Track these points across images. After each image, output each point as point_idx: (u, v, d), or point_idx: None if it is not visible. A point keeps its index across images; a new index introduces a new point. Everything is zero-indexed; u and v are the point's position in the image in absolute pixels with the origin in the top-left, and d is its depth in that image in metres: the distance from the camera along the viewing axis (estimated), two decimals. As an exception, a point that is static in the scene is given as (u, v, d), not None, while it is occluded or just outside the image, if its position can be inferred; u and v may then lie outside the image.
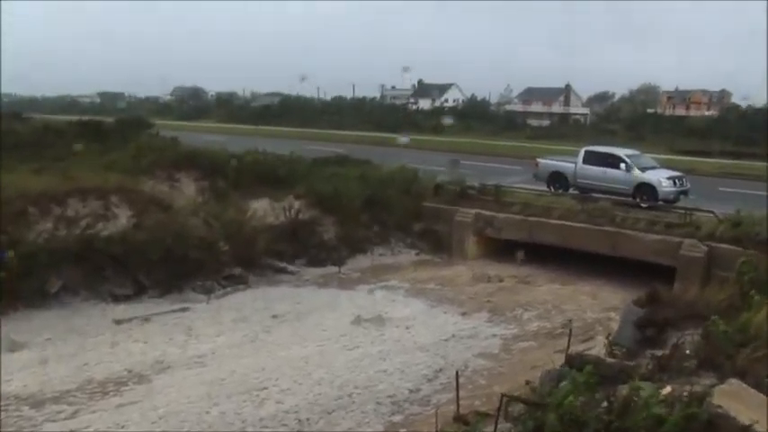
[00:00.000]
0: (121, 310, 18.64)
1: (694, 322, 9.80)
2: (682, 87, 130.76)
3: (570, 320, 18.54)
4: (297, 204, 25.00)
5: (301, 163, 30.19)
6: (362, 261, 24.44)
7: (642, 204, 24.94)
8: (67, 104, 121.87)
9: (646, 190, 25.36)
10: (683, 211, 22.85)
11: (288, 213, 24.47)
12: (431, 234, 26.24)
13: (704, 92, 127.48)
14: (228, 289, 20.61)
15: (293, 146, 37.29)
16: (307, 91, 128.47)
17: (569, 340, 13.91)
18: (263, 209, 24.55)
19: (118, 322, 17.77)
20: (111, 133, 32.35)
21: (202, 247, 20.77)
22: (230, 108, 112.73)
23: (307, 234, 24.14)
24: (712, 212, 22.10)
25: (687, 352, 8.26)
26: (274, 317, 18.57)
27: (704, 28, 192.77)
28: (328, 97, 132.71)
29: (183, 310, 18.94)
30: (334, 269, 23.38)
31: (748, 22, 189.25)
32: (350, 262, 24.10)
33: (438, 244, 26.03)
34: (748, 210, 21.93)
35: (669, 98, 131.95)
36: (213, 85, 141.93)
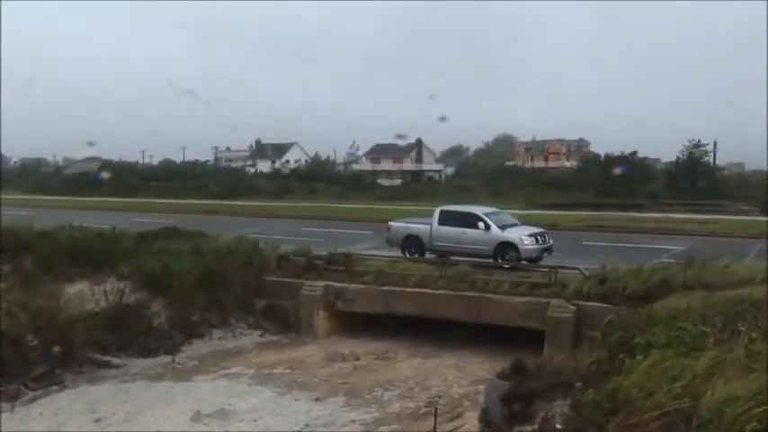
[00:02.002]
0: None
1: (563, 391, 10.11)
2: (539, 137, 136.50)
3: (437, 397, 18.75)
4: (121, 286, 24.25)
5: (125, 238, 29.43)
6: (200, 347, 23.84)
7: (504, 265, 25.75)
8: None
9: (507, 249, 26.23)
10: (547, 270, 23.72)
11: (110, 297, 23.66)
12: (276, 311, 25.98)
13: (561, 141, 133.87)
14: (39, 392, 19.50)
15: (115, 219, 36.29)
16: (130, 155, 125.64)
17: (435, 420, 14.04)
18: (80, 294, 23.65)
19: None
20: None
21: (5, 344, 19.66)
22: (38, 176, 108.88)
23: (133, 320, 23.34)
24: (578, 269, 23.02)
25: (557, 426, 8.50)
26: (97, 420, 17.73)
27: (563, 78, 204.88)
28: (155, 161, 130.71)
29: (-20, 423, 17.75)
30: (167, 359, 22.65)
31: (610, 72, 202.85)
32: (185, 349, 23.44)
33: (284, 322, 25.79)
34: (613, 263, 23.09)
35: (527, 149, 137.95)
36: (17, 150, 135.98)
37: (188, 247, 28.34)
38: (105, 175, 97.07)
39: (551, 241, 27.21)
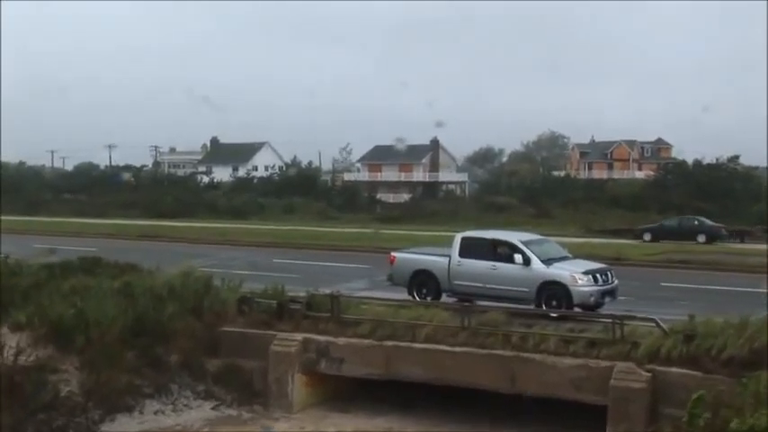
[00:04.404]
0: None
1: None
2: (599, 137, 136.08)
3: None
4: (15, 340, 24.03)
5: (23, 273, 29.36)
6: (127, 425, 23.55)
7: (551, 313, 25.50)
8: None
9: (554, 291, 25.99)
10: (610, 321, 23.38)
11: (1, 356, 23.44)
12: (235, 375, 25.80)
13: (631, 143, 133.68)
14: None
15: (10, 244, 36.09)
16: (36, 157, 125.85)
17: None
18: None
19: None
20: None
21: None
22: None
23: (32, 388, 23.08)
24: (654, 321, 22.74)
25: None
26: None
27: (635, 62, 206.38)
28: (69, 165, 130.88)
29: None
30: (79, 442, 22.47)
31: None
32: (106, 428, 23.20)
33: (247, 389, 25.61)
34: (705, 313, 22.78)
35: (582, 154, 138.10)
36: None
37: (114, 284, 28.20)
38: (126, 176, 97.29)
39: (616, 281, 26.99)
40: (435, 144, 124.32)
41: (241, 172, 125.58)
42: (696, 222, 62.57)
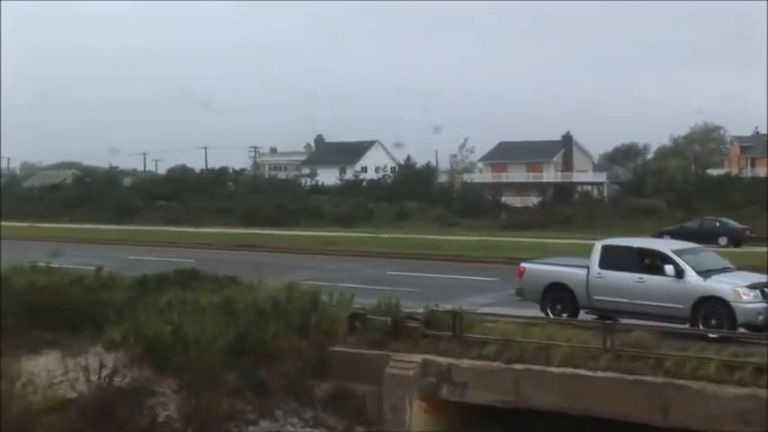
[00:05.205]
0: None
1: None
2: (765, 129, 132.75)
3: None
4: (111, 360, 24.39)
5: (117, 286, 29.83)
6: (229, 454, 23.89)
7: (710, 334, 25.08)
8: None
9: (714, 308, 25.58)
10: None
11: (93, 377, 23.80)
12: (346, 400, 25.80)
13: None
14: None
15: (103, 256, 36.70)
16: (125, 161, 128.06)
17: None
18: (48, 371, 23.83)
19: None
20: None
21: None
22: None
23: (128, 412, 23.47)
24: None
25: None
26: None
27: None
28: (163, 169, 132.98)
29: None
30: (178, 471, 22.76)
31: None
32: (207, 456, 23.53)
33: (359, 416, 25.57)
34: None
35: (743, 148, 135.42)
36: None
37: (213, 300, 28.48)
38: (128, 180, 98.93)
39: (789, 297, 26.49)
40: (568, 140, 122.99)
41: (349, 174, 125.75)
42: (718, 224, 64.44)
